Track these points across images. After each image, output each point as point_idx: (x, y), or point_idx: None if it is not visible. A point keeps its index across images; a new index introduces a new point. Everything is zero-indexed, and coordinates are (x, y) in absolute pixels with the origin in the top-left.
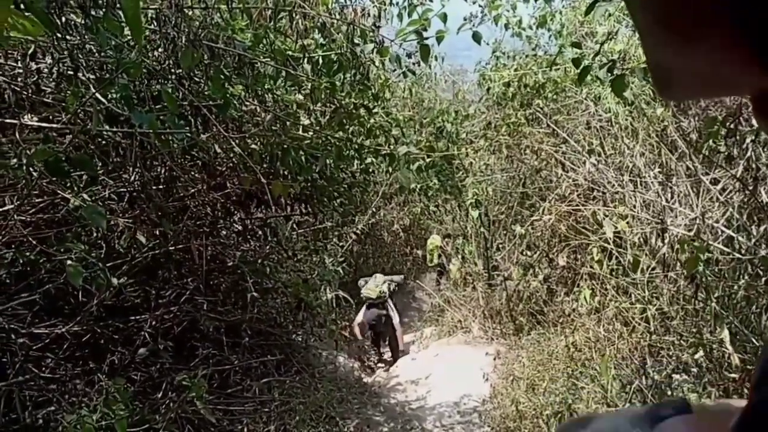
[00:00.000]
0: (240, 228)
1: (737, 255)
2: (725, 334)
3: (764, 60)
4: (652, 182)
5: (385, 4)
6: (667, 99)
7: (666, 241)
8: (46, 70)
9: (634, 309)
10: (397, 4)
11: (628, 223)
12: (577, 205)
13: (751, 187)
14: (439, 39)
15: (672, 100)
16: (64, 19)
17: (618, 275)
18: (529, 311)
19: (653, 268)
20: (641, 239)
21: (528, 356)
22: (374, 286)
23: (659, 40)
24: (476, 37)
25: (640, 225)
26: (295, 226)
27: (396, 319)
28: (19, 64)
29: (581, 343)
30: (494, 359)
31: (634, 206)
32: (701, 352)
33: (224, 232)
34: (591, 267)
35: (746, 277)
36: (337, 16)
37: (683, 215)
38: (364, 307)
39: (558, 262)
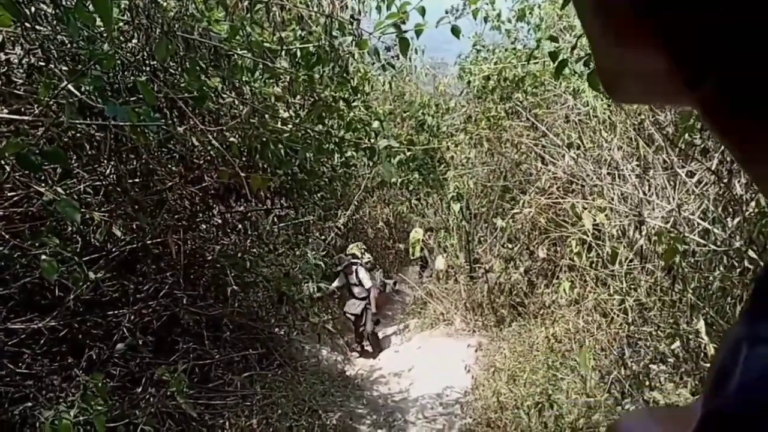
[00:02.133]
0: (220, 222)
1: (713, 247)
2: (701, 325)
3: (684, 72)
4: (629, 175)
5: None
6: (613, 101)
7: (643, 233)
8: (16, 61)
9: (612, 300)
10: None
11: (606, 215)
12: (556, 198)
13: (725, 180)
14: (418, 32)
15: (617, 103)
16: (33, 9)
17: (597, 267)
18: (510, 303)
19: (631, 260)
20: (619, 231)
21: (509, 348)
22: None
23: (604, 45)
24: (455, 31)
25: (619, 217)
26: (275, 219)
27: (373, 292)
28: None
29: (561, 335)
30: (476, 351)
31: (613, 199)
32: (678, 343)
33: (204, 226)
34: (571, 259)
35: (721, 269)
36: (315, 9)
37: (660, 208)
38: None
39: (538, 255)
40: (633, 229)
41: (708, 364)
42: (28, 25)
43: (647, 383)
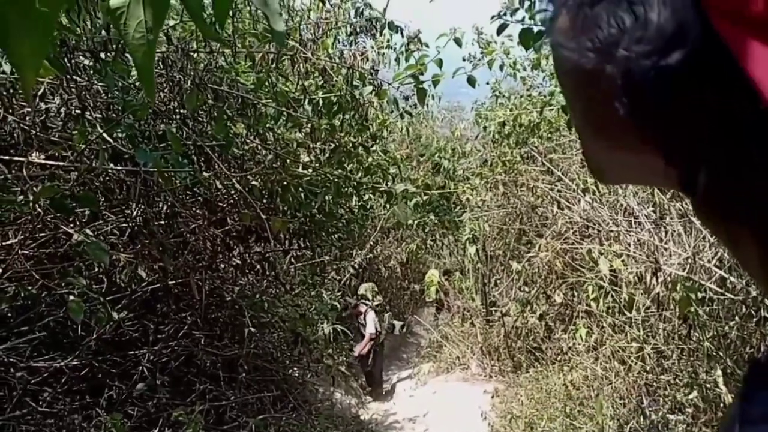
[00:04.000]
0: (239, 262)
1: (729, 295)
2: (719, 375)
3: (680, 172)
4: (645, 221)
5: (383, 49)
6: (600, 183)
7: (660, 280)
8: (54, 109)
9: (630, 347)
10: (395, 48)
11: (623, 261)
12: (572, 243)
13: None
14: (435, 83)
15: (604, 185)
16: (74, 61)
17: (614, 313)
18: (527, 348)
19: (648, 307)
20: (636, 278)
21: (526, 394)
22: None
23: (588, 136)
24: (471, 81)
25: (635, 263)
26: (293, 260)
27: (369, 329)
28: (29, 105)
29: (579, 382)
30: (492, 397)
31: (629, 245)
32: (696, 392)
33: (222, 266)
34: (587, 305)
35: (738, 318)
36: (337, 60)
37: (676, 254)
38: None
39: (555, 299)
40: (650, 275)
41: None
42: (68, 76)
43: None
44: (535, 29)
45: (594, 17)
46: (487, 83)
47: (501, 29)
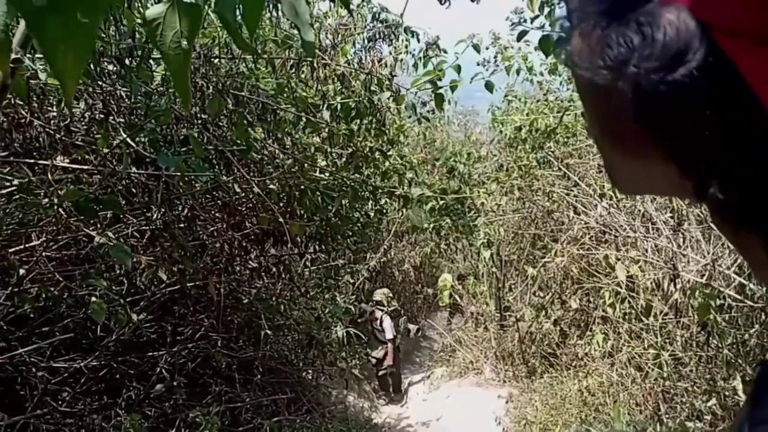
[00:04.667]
0: (255, 265)
1: (749, 302)
2: (738, 383)
3: (693, 183)
4: (663, 227)
5: (401, 54)
6: (618, 192)
7: (678, 286)
8: (78, 113)
9: (647, 354)
10: (413, 54)
11: (640, 267)
12: (588, 248)
13: None
14: (453, 88)
15: (622, 194)
16: (99, 68)
17: (631, 319)
18: (541, 353)
19: (666, 314)
20: (653, 284)
21: (541, 400)
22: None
23: (606, 148)
24: (489, 87)
25: (653, 269)
26: (308, 263)
27: (387, 335)
28: (54, 109)
29: (595, 388)
30: (506, 402)
31: (646, 251)
32: (714, 400)
33: (239, 269)
34: (603, 310)
35: (758, 325)
36: (356, 66)
37: (695, 261)
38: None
39: (570, 305)
40: (667, 282)
41: None
42: (93, 81)
43: None
44: (555, 35)
45: (605, 38)
46: (500, 88)
47: (521, 36)
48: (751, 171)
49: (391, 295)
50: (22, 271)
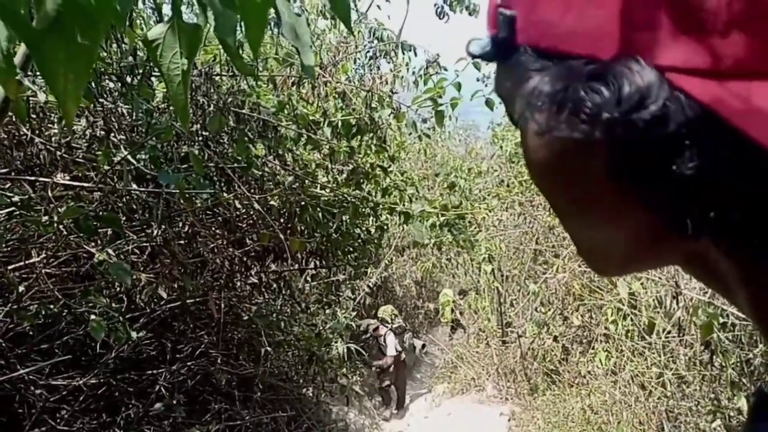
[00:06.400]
0: (256, 281)
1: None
2: (743, 403)
3: (676, 229)
4: None
5: (401, 72)
6: (603, 276)
7: (681, 304)
8: (79, 131)
9: (650, 372)
10: (413, 72)
11: (642, 284)
12: None
13: None
14: (453, 105)
15: (608, 277)
16: (100, 85)
17: (633, 337)
18: (544, 370)
19: (668, 332)
20: (656, 301)
21: (543, 418)
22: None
23: (576, 221)
24: (489, 104)
25: (654, 286)
26: (308, 278)
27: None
28: (55, 126)
29: (597, 406)
30: (509, 420)
31: None
32: (718, 421)
33: (239, 285)
34: (606, 327)
35: (762, 345)
36: (356, 83)
37: None
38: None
39: (573, 321)
40: (669, 299)
41: None
42: (94, 99)
43: None
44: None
45: (577, 97)
46: (500, 104)
47: None
48: (746, 193)
49: (396, 312)
50: (21, 288)
